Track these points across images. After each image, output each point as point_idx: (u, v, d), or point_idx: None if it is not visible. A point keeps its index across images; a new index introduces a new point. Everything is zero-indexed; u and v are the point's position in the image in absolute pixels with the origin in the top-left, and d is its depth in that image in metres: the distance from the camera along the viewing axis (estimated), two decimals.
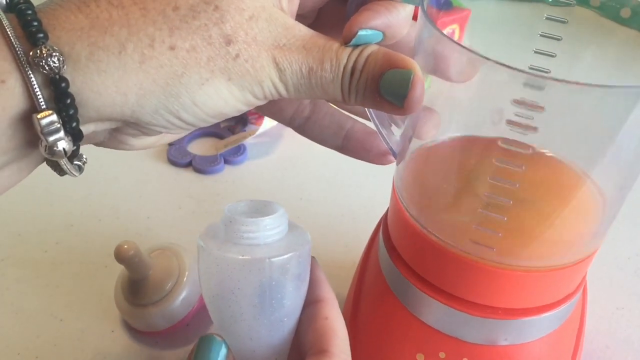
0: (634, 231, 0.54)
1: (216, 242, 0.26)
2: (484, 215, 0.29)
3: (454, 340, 0.32)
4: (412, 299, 0.33)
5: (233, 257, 0.25)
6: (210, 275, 0.25)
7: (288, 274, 0.25)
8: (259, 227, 0.26)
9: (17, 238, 0.51)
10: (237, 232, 0.25)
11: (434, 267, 0.31)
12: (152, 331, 0.42)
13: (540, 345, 0.32)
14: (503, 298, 0.30)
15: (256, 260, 0.25)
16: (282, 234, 0.27)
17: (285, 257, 0.25)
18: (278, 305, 0.25)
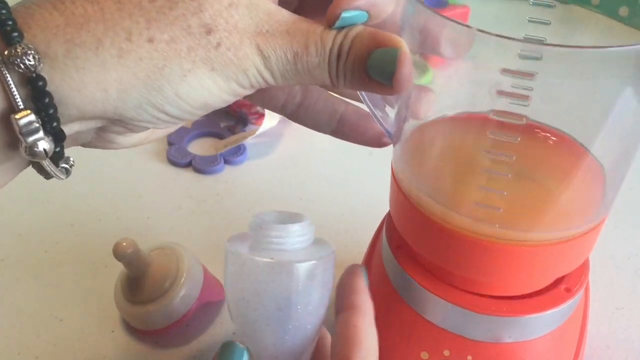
0: (634, 231, 0.54)
1: (244, 247, 0.26)
2: (484, 191, 0.28)
3: (458, 338, 0.32)
4: (417, 297, 0.33)
5: (261, 260, 0.25)
6: (237, 277, 0.26)
7: (314, 280, 0.26)
8: (287, 233, 0.26)
9: (17, 238, 0.51)
10: (266, 237, 0.26)
11: (437, 248, 0.30)
12: (151, 330, 0.42)
13: (544, 342, 0.32)
14: (510, 277, 0.29)
15: (284, 263, 0.25)
16: (308, 242, 0.27)
17: (313, 263, 0.25)
18: (303, 311, 0.26)
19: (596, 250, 0.51)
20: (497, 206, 0.28)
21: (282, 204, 0.56)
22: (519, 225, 0.28)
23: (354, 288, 0.28)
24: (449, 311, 0.31)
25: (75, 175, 0.62)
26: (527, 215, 0.29)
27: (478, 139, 0.30)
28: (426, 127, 0.32)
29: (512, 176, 0.28)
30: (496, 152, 0.27)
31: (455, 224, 0.28)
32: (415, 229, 0.31)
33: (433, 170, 0.32)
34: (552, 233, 0.28)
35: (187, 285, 0.40)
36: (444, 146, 0.32)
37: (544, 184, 0.30)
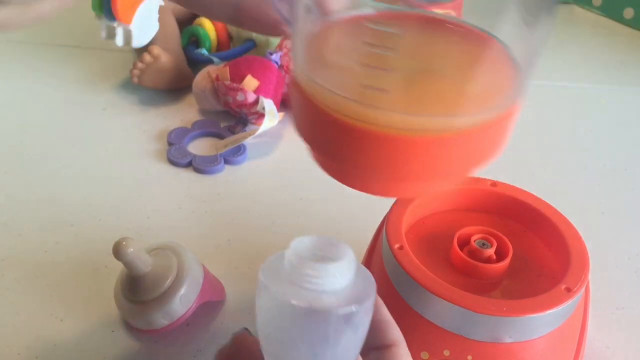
0: (634, 231, 0.54)
1: (280, 283, 0.24)
2: (371, 71, 0.25)
3: (458, 338, 0.32)
4: (417, 297, 0.33)
5: (298, 305, 0.23)
6: (271, 317, 0.24)
7: (353, 325, 0.24)
8: (327, 273, 0.24)
9: (17, 238, 0.51)
10: (304, 276, 0.24)
11: (334, 145, 0.26)
12: (151, 330, 0.42)
13: (544, 342, 0.32)
14: (412, 174, 0.26)
15: (323, 310, 0.23)
16: (349, 280, 0.25)
17: (352, 309, 0.24)
18: (341, 355, 0.25)
19: (596, 250, 0.51)
20: (386, 88, 0.25)
21: (282, 204, 0.56)
22: (412, 108, 0.24)
23: (382, 322, 0.26)
24: (449, 311, 0.31)
25: (75, 175, 0.62)
26: (421, 97, 0.25)
27: (369, 21, 0.27)
28: (326, 23, 0.29)
29: (403, 57, 0.25)
30: (385, 27, 0.25)
31: (351, 114, 0.25)
32: (311, 124, 0.28)
33: (325, 56, 0.28)
34: (449, 118, 0.25)
35: (187, 285, 0.40)
36: (338, 30, 0.29)
37: (442, 66, 0.27)
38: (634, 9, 0.88)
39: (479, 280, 0.36)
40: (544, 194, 0.41)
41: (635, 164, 0.65)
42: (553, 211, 0.39)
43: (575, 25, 1.05)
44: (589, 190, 0.60)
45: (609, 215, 0.57)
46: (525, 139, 0.70)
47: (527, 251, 0.39)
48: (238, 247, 0.51)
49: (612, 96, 0.80)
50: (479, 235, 0.37)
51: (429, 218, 0.41)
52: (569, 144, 0.69)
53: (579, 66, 0.89)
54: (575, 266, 0.34)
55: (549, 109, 0.77)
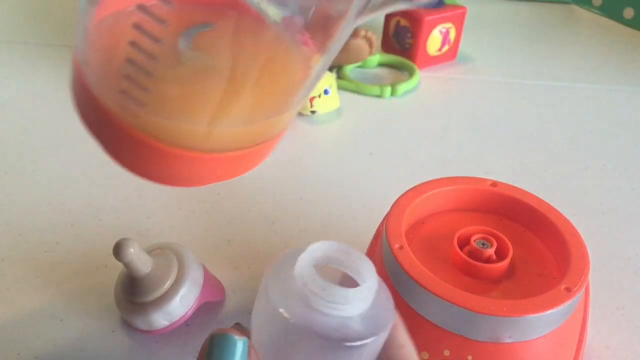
0: (634, 231, 0.54)
1: (290, 302, 0.22)
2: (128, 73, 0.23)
3: (458, 338, 0.32)
4: (417, 297, 0.33)
5: (312, 332, 0.21)
6: (279, 337, 0.22)
7: (375, 350, 0.22)
8: (345, 299, 0.21)
9: (17, 238, 0.51)
10: (320, 298, 0.21)
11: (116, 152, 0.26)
12: (151, 330, 0.42)
13: (544, 342, 0.32)
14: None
15: (347, 343, 0.21)
16: (370, 301, 0.22)
17: (375, 338, 0.22)
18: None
19: (596, 250, 0.51)
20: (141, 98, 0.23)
21: (282, 204, 0.56)
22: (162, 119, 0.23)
23: (395, 340, 0.24)
24: (449, 311, 0.31)
25: (75, 175, 0.62)
26: (178, 107, 0.24)
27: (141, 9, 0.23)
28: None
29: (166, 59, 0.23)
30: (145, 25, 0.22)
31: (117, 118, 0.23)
32: (81, 107, 0.26)
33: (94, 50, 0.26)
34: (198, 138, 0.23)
35: (187, 285, 0.40)
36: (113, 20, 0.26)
37: (216, 70, 0.25)
38: (634, 9, 0.88)
39: (479, 280, 0.36)
40: (544, 194, 0.41)
41: (635, 164, 0.65)
42: (553, 211, 0.39)
43: (575, 25, 1.05)
44: (589, 190, 0.60)
45: (609, 215, 0.57)
46: (525, 139, 0.70)
47: (527, 251, 0.39)
48: (238, 247, 0.51)
49: (612, 96, 0.80)
50: (479, 235, 0.38)
51: (429, 218, 0.41)
52: (569, 144, 0.69)
53: (579, 66, 0.89)
54: (575, 266, 0.34)
55: (549, 109, 0.77)
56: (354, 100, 0.76)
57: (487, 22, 1.02)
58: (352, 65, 0.81)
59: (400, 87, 0.77)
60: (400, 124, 0.71)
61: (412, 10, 0.81)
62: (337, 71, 0.81)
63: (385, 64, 0.86)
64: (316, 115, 0.70)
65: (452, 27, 0.83)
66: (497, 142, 0.68)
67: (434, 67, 0.86)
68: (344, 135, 0.68)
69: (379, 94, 0.77)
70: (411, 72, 0.82)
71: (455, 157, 0.65)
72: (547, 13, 1.08)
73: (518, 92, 0.81)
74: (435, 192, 0.41)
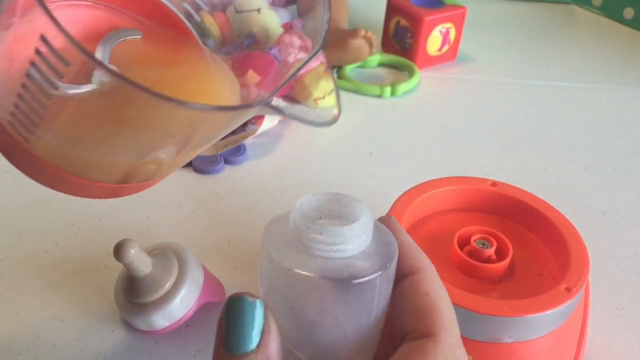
0: (634, 231, 0.54)
1: (291, 255, 0.22)
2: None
3: None
4: None
5: (319, 278, 0.21)
6: (288, 293, 0.22)
7: (390, 282, 0.22)
8: (345, 237, 0.21)
9: (17, 238, 0.51)
10: (318, 243, 0.21)
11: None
12: (152, 330, 0.42)
13: (544, 342, 0.32)
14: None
15: (349, 283, 0.21)
16: (369, 237, 0.22)
17: (380, 274, 0.21)
18: (376, 314, 0.22)
19: (597, 250, 0.51)
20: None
21: (282, 204, 0.56)
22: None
23: (404, 248, 0.23)
24: None
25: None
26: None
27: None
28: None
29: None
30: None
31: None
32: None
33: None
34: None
35: (187, 285, 0.40)
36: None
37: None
38: (634, 9, 0.88)
39: (479, 280, 0.36)
40: (544, 194, 0.41)
41: (636, 164, 0.65)
42: (553, 211, 0.39)
43: (575, 25, 1.05)
44: (589, 190, 0.60)
45: (609, 215, 0.57)
46: (525, 139, 0.70)
47: (527, 251, 0.39)
48: (238, 247, 0.51)
49: (612, 96, 0.80)
50: (479, 235, 0.38)
51: (429, 218, 0.41)
52: (569, 144, 0.69)
53: (579, 66, 0.89)
54: (575, 266, 0.34)
55: (549, 109, 0.77)
56: (354, 100, 0.76)
57: (487, 22, 1.02)
58: (352, 65, 0.81)
59: (400, 87, 0.77)
60: (400, 124, 0.71)
61: (412, 10, 0.81)
62: (337, 71, 0.81)
63: (385, 64, 0.86)
64: None
65: (452, 27, 0.83)
66: (497, 142, 0.68)
67: (434, 67, 0.86)
68: (344, 135, 0.68)
69: (379, 94, 0.77)
70: (411, 72, 0.82)
71: (455, 157, 0.65)
72: (547, 13, 1.08)
73: (518, 92, 0.81)
74: (435, 192, 0.41)
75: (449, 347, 0.20)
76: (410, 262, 0.23)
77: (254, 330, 0.20)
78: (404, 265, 0.23)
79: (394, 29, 0.85)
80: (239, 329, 0.20)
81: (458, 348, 0.21)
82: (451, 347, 0.21)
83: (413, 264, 0.23)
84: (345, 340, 0.22)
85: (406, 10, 0.82)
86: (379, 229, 0.23)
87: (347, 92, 0.77)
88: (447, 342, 0.20)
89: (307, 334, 0.22)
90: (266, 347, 0.20)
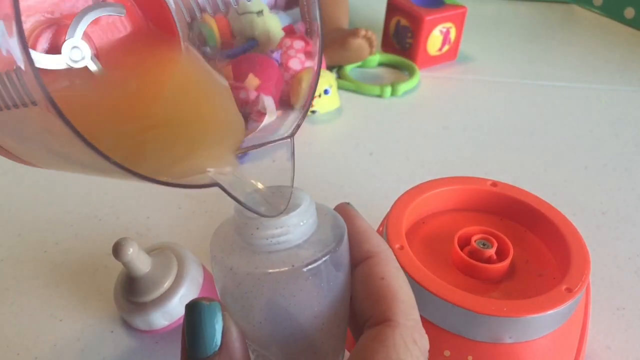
0: (634, 231, 0.54)
1: (235, 256, 0.21)
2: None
3: (458, 339, 0.32)
4: (417, 297, 0.32)
5: (263, 273, 0.20)
6: (238, 293, 0.21)
7: (344, 263, 0.22)
8: (284, 227, 0.21)
9: (17, 238, 0.51)
10: (258, 239, 0.21)
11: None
12: (151, 330, 0.42)
13: (545, 342, 0.32)
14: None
15: (295, 272, 0.20)
16: (311, 225, 0.22)
17: (325, 260, 0.21)
18: (331, 301, 0.22)
19: (597, 250, 0.51)
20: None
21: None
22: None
23: (359, 234, 0.23)
24: (449, 311, 0.31)
25: (75, 175, 0.62)
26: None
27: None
28: None
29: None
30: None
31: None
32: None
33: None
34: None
35: (186, 284, 0.40)
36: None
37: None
38: (634, 8, 0.88)
39: (480, 280, 0.36)
40: (544, 194, 0.41)
41: (636, 164, 0.65)
42: (553, 211, 0.39)
43: (576, 25, 1.05)
44: (589, 190, 0.60)
45: (609, 215, 0.56)
46: (525, 139, 0.70)
47: (528, 251, 0.39)
48: None
49: (612, 96, 0.80)
50: (479, 235, 0.37)
51: (430, 218, 0.41)
52: (569, 144, 0.69)
53: (579, 66, 0.89)
54: (575, 266, 0.34)
55: (549, 109, 0.77)
56: (354, 100, 0.76)
57: (487, 22, 1.02)
58: (352, 65, 0.81)
59: (400, 87, 0.77)
60: (400, 124, 0.71)
61: (412, 10, 0.81)
62: (337, 71, 0.81)
63: (385, 63, 0.86)
64: (316, 115, 0.70)
65: (453, 27, 0.83)
66: (497, 142, 0.68)
67: (434, 67, 0.85)
68: (344, 135, 0.68)
69: (379, 94, 0.76)
70: (411, 72, 0.82)
71: (455, 157, 0.65)
72: (548, 13, 1.08)
73: (518, 92, 0.81)
74: (435, 192, 0.41)
75: (407, 331, 0.20)
76: (367, 247, 0.22)
77: (214, 333, 0.20)
78: (360, 251, 0.22)
79: (394, 29, 0.85)
80: (199, 333, 0.20)
81: (417, 331, 0.21)
82: (409, 330, 0.20)
83: (369, 248, 0.22)
84: (303, 332, 0.21)
85: (406, 10, 0.82)
86: (327, 216, 0.23)
87: (347, 92, 0.77)
88: (405, 325, 0.20)
89: (266, 332, 0.22)
90: (228, 348, 0.20)
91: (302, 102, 0.25)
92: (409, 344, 0.20)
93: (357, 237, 0.23)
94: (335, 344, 0.23)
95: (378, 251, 0.22)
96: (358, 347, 0.21)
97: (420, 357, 0.20)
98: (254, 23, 0.41)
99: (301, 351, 0.22)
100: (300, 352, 0.22)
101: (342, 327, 0.23)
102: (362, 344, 0.20)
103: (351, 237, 0.23)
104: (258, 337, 0.22)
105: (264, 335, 0.22)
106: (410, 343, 0.20)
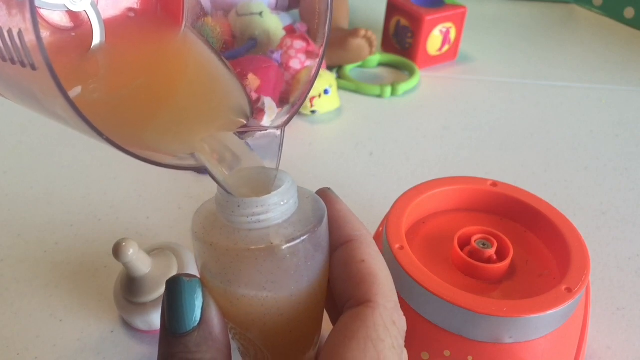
0: (634, 231, 0.54)
1: (215, 232, 0.21)
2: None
3: (459, 339, 0.32)
4: (417, 297, 0.33)
5: (244, 249, 0.21)
6: (217, 269, 0.21)
7: (312, 251, 0.22)
8: (264, 206, 0.21)
9: (17, 238, 0.51)
10: (239, 217, 0.21)
11: None
12: (151, 330, 0.42)
13: (545, 342, 0.32)
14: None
15: (271, 250, 0.21)
16: (291, 205, 0.22)
17: (303, 239, 0.21)
18: (308, 282, 0.22)
19: (597, 250, 0.51)
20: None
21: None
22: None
23: (340, 218, 0.23)
24: (449, 311, 0.31)
25: (74, 175, 0.62)
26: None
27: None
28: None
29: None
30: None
31: None
32: None
33: None
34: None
35: None
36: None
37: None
38: (634, 8, 0.88)
39: (480, 280, 0.36)
40: (544, 194, 0.41)
41: (636, 164, 0.65)
42: (553, 211, 0.39)
43: (576, 25, 1.05)
44: (589, 190, 0.60)
45: (609, 215, 0.56)
46: (525, 139, 0.70)
47: (528, 251, 0.39)
48: None
49: (612, 96, 0.80)
50: (479, 235, 0.37)
51: (430, 218, 0.41)
52: (569, 144, 0.69)
53: (579, 66, 0.89)
54: (575, 266, 0.34)
55: (549, 109, 0.77)
56: (354, 100, 0.76)
57: (487, 22, 1.02)
58: (352, 65, 0.81)
59: (400, 87, 0.77)
60: (400, 124, 0.71)
61: (412, 10, 0.81)
62: (337, 71, 0.81)
63: (385, 63, 0.86)
64: (316, 115, 0.70)
65: (453, 27, 0.83)
66: (497, 142, 0.68)
67: (434, 67, 0.85)
68: (344, 135, 0.68)
69: (379, 94, 0.76)
70: (411, 72, 0.82)
71: (455, 157, 0.65)
72: (548, 13, 1.08)
73: (518, 92, 0.81)
74: (435, 192, 0.41)
75: (387, 312, 0.21)
76: (347, 230, 0.23)
77: (194, 308, 0.21)
78: (340, 234, 0.23)
79: (394, 29, 0.85)
80: (178, 309, 0.20)
81: (396, 313, 0.21)
82: (389, 311, 0.21)
83: (349, 232, 0.23)
84: (279, 311, 0.22)
85: (406, 9, 0.82)
86: (308, 199, 0.23)
87: (347, 92, 0.77)
88: (385, 307, 0.21)
89: (243, 309, 0.22)
90: (207, 323, 0.21)
91: (297, 95, 0.25)
92: (389, 325, 0.21)
93: (338, 220, 0.23)
94: (311, 325, 0.23)
95: (358, 235, 0.23)
96: (338, 327, 0.21)
97: (398, 337, 0.21)
98: (254, 24, 0.41)
99: (277, 330, 0.22)
100: (277, 331, 0.22)
101: (318, 309, 0.23)
102: (342, 323, 0.21)
103: (332, 220, 0.23)
104: (236, 315, 0.22)
105: (241, 313, 0.22)
106: (390, 324, 0.21)
